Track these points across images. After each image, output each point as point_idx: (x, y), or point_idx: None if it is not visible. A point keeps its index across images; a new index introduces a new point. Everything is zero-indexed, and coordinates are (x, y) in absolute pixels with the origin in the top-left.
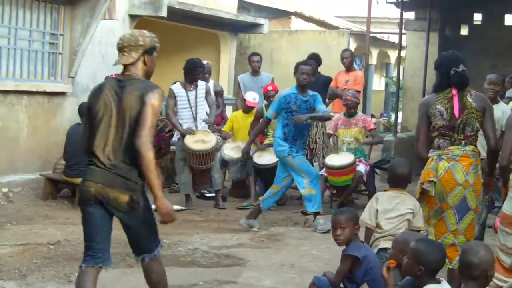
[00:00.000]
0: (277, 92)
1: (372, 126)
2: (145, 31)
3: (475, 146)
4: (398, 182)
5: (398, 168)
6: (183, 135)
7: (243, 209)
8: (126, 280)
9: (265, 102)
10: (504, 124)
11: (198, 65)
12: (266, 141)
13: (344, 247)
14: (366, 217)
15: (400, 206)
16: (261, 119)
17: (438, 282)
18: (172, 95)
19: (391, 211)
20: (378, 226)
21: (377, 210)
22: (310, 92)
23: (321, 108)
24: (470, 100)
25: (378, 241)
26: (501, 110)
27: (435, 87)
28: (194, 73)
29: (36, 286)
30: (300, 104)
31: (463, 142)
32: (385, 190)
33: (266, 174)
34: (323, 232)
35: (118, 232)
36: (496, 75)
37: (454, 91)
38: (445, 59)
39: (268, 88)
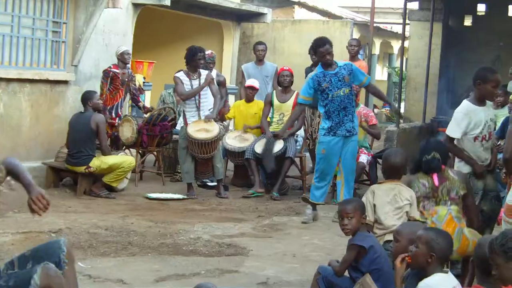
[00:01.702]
0: (292, 74)
1: (374, 122)
2: None
3: (460, 208)
4: (392, 173)
5: (392, 158)
6: (186, 124)
7: (247, 198)
8: (128, 269)
9: (270, 87)
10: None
11: (197, 51)
12: (270, 129)
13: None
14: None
15: (398, 198)
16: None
17: (446, 272)
18: (180, 81)
19: (389, 204)
20: (377, 221)
21: (374, 205)
22: (340, 63)
23: (365, 80)
24: (452, 174)
25: (381, 236)
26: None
27: (412, 170)
28: (194, 59)
29: None
30: (330, 79)
31: (449, 202)
32: (379, 183)
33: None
34: (303, 222)
35: (120, 221)
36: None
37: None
38: (421, 146)
39: (284, 67)
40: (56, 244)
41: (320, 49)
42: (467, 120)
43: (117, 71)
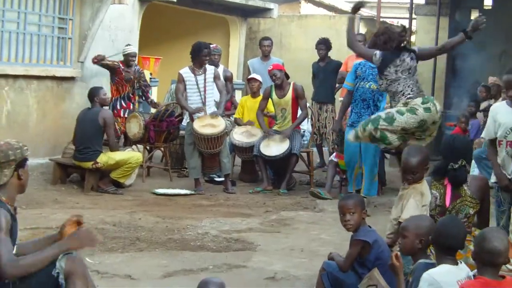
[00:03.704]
0: (280, 70)
1: None
2: (12, 142)
3: (468, 232)
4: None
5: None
6: (192, 119)
7: (255, 194)
8: (135, 264)
9: (273, 83)
10: None
11: (202, 47)
12: (275, 127)
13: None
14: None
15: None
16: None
17: (456, 264)
18: (181, 79)
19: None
20: None
21: (423, 206)
22: None
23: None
24: (465, 188)
25: None
26: None
27: (432, 173)
28: (199, 55)
29: None
30: (366, 70)
31: None
32: (419, 182)
33: (275, 164)
34: None
35: (127, 217)
36: None
37: (447, 180)
38: (448, 147)
39: (269, 68)
40: None
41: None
42: (492, 119)
43: (122, 67)
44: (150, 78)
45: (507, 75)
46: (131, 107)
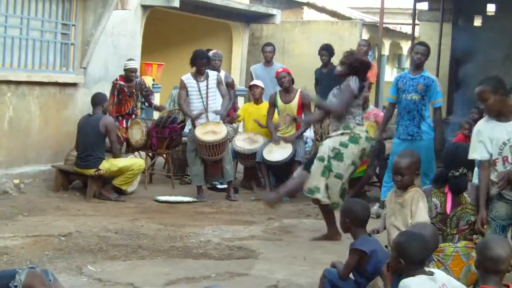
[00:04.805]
0: (288, 73)
1: None
2: None
3: (470, 239)
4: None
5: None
6: (194, 126)
7: (257, 201)
8: (137, 272)
9: (279, 88)
10: None
11: (199, 57)
12: (278, 134)
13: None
14: (428, 219)
15: None
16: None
17: (431, 274)
18: (183, 86)
19: None
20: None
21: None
22: (426, 74)
23: (436, 102)
24: (466, 195)
25: None
26: None
27: (433, 181)
28: (196, 63)
29: None
30: (407, 81)
31: (456, 236)
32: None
33: (277, 170)
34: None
35: (129, 224)
36: None
37: (447, 188)
38: (450, 155)
39: (278, 70)
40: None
41: (418, 46)
42: (477, 139)
43: (123, 83)
44: (153, 84)
45: (479, 86)
46: (133, 117)
